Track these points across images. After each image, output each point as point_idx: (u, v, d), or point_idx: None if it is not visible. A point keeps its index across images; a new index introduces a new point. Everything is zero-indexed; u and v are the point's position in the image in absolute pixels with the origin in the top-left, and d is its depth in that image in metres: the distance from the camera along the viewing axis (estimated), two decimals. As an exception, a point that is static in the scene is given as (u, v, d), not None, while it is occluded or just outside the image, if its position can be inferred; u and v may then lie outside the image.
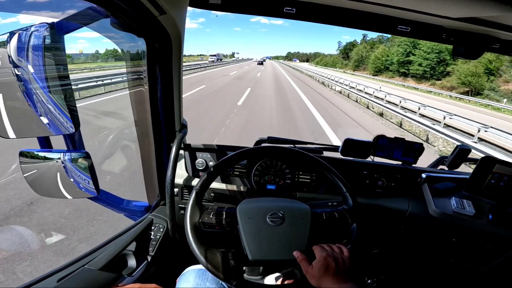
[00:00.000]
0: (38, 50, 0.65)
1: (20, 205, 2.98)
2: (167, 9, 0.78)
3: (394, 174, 1.20)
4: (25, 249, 2.42)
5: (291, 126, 7.24)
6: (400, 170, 1.20)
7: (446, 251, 1.21)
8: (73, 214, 2.85)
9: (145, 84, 0.98)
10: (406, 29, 0.94)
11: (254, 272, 1.04)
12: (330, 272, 0.70)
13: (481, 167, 1.06)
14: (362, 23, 0.97)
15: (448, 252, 1.21)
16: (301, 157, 0.96)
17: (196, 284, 0.92)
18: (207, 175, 0.88)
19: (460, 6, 0.72)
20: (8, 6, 0.73)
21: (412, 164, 1.21)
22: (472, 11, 0.74)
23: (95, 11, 0.80)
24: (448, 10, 0.79)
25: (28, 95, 0.66)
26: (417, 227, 1.18)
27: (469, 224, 1.03)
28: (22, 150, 0.76)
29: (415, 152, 1.18)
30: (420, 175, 1.16)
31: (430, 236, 1.20)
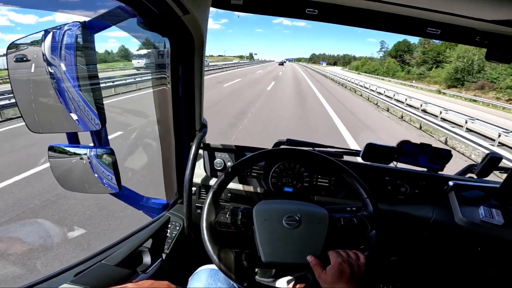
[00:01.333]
0: (70, 49, 0.67)
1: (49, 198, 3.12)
2: (191, 9, 0.79)
3: (419, 180, 1.15)
4: (47, 243, 2.52)
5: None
6: (425, 177, 1.16)
7: (470, 260, 1.17)
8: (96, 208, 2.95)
9: (168, 84, 1.00)
10: (436, 32, 0.91)
11: (266, 275, 1.03)
12: (344, 278, 0.68)
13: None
14: (388, 25, 0.94)
15: (472, 261, 1.17)
16: (321, 160, 0.95)
17: (208, 284, 0.92)
18: (225, 175, 0.88)
19: (494, 8, 0.69)
20: (44, 4, 0.76)
21: (438, 171, 1.16)
22: (507, 13, 0.71)
23: (123, 11, 0.82)
24: (481, 12, 0.75)
25: (60, 92, 0.68)
26: (440, 235, 1.14)
27: (497, 234, 0.99)
28: (52, 144, 0.79)
29: (442, 159, 1.13)
30: (446, 183, 1.12)
31: (454, 245, 1.16)
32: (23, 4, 0.84)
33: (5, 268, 2.17)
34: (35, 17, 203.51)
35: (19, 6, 0.78)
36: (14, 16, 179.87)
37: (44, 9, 0.77)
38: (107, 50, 47.09)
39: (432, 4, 0.77)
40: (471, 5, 0.72)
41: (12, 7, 3.51)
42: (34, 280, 0.73)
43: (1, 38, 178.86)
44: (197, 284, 0.94)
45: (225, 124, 6.90)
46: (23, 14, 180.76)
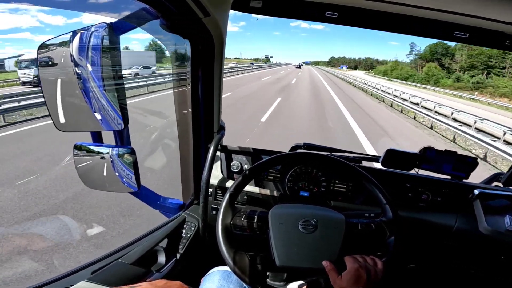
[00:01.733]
0: (96, 49, 0.68)
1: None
2: (211, 11, 0.80)
3: (443, 188, 1.13)
4: (68, 239, 2.59)
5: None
6: (450, 185, 1.13)
7: (493, 269, 1.14)
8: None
9: (188, 85, 1.01)
10: (463, 35, 0.89)
11: (277, 278, 1.02)
12: (360, 284, 0.67)
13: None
14: (413, 29, 0.93)
15: (495, 270, 1.14)
16: (340, 165, 0.94)
17: (220, 285, 0.92)
18: (242, 178, 0.88)
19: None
20: (72, 5, 0.78)
21: (463, 179, 1.13)
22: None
23: (147, 12, 0.83)
24: (510, 15, 0.73)
25: (86, 92, 0.69)
26: (463, 243, 1.12)
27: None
28: (77, 143, 0.81)
29: (467, 167, 1.10)
30: (472, 191, 1.08)
31: (477, 253, 1.14)
32: (53, 5, 0.87)
33: (26, 264, 2.25)
34: (64, 18, 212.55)
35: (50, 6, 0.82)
36: (44, 17, 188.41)
37: (73, 10, 0.79)
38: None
39: (460, 7, 0.75)
40: (500, 9, 0.71)
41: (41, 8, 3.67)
42: (52, 277, 0.75)
43: (31, 39, 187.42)
44: (209, 285, 0.94)
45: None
46: (52, 15, 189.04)
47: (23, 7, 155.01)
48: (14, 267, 2.19)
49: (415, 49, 66.83)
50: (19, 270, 2.17)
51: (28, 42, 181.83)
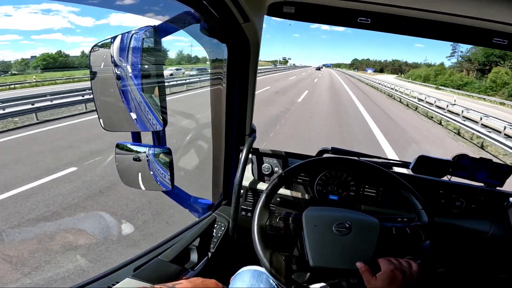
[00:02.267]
0: (141, 51, 0.70)
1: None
2: (251, 17, 0.81)
3: (477, 196, 1.13)
4: (108, 236, 2.74)
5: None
6: (484, 192, 1.13)
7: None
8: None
9: (223, 88, 1.02)
10: (503, 42, 0.87)
11: (299, 279, 1.01)
12: (395, 285, 0.68)
13: None
14: (450, 36, 0.91)
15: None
16: (374, 171, 0.96)
17: (251, 285, 0.94)
18: (278, 180, 0.90)
19: None
20: (114, 5, 0.81)
21: (497, 186, 1.14)
22: None
23: (189, 16, 0.84)
24: None
25: (130, 94, 0.71)
26: (497, 250, 1.13)
27: None
28: (119, 142, 0.84)
29: (502, 175, 1.11)
30: (507, 199, 1.11)
31: (511, 260, 1.14)
32: (98, 4, 0.91)
33: (73, 262, 2.39)
34: (92, 20, 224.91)
35: (91, 5, 0.86)
36: (75, 19, 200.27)
37: (118, 10, 0.82)
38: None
39: (500, 16, 0.75)
40: None
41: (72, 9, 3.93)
42: (98, 274, 0.78)
43: (63, 40, 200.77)
44: (240, 284, 0.96)
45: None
46: (82, 17, 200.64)
47: (55, 7, 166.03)
48: (59, 266, 2.33)
49: (457, 50, 55.09)
50: (64, 269, 2.30)
51: (59, 43, 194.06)
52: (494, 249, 1.13)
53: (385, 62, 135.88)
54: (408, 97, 16.53)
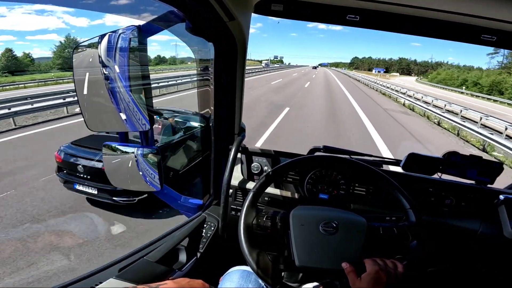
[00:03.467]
0: (126, 51, 0.70)
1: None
2: (236, 15, 0.81)
3: (467, 193, 1.12)
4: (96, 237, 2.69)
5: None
6: (474, 190, 1.12)
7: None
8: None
9: (210, 86, 1.02)
10: (491, 39, 0.87)
11: (291, 279, 1.02)
12: (379, 286, 0.67)
13: None
14: (438, 32, 0.91)
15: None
16: (362, 169, 0.94)
17: (239, 285, 0.93)
18: (265, 179, 0.89)
19: None
20: (98, 6, 0.80)
21: (488, 184, 1.13)
22: None
23: (174, 15, 0.84)
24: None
25: (114, 93, 0.71)
26: (487, 248, 1.12)
27: None
28: (106, 142, 0.83)
29: (493, 172, 1.10)
30: (497, 196, 1.08)
31: (501, 258, 1.14)
32: (82, 6, 0.91)
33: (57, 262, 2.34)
34: (87, 20, 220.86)
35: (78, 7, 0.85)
36: (69, 19, 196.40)
37: (103, 11, 0.82)
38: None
39: (489, 12, 0.75)
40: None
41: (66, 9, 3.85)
42: (82, 274, 0.78)
43: (58, 40, 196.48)
44: (228, 284, 0.95)
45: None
46: (77, 17, 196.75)
47: (49, 8, 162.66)
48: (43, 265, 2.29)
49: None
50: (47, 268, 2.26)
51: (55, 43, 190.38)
52: (484, 247, 1.12)
53: (390, 60, 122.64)
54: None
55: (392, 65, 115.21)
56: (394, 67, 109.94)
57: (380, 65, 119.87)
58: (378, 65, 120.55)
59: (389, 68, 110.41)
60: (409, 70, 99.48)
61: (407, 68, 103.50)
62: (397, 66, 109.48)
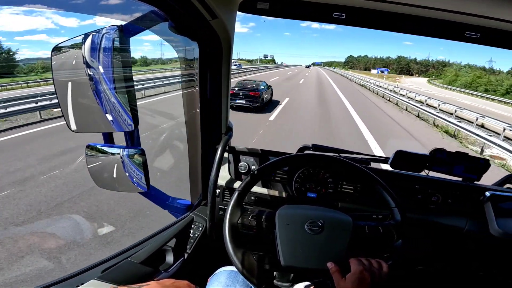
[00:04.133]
0: (107, 51, 0.69)
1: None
2: (219, 13, 0.81)
3: (454, 190, 1.11)
4: (80, 239, 2.63)
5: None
6: (460, 187, 1.12)
7: (504, 271, 1.14)
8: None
9: (196, 87, 1.02)
10: (475, 36, 0.88)
11: (283, 279, 1.02)
12: (364, 286, 0.66)
13: None
14: (422, 30, 0.93)
15: (505, 272, 1.14)
16: (347, 167, 0.93)
17: (227, 285, 0.93)
18: (250, 178, 0.89)
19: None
20: (84, 8, 0.80)
21: (474, 181, 1.12)
22: None
23: (156, 15, 0.84)
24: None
25: (97, 94, 0.70)
26: (474, 245, 1.12)
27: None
28: (89, 143, 0.82)
29: (479, 169, 1.09)
30: (483, 193, 1.07)
31: (488, 256, 1.14)
32: (66, 8, 0.89)
33: (39, 263, 2.29)
34: (77, 20, 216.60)
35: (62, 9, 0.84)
36: (58, 19, 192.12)
37: (85, 13, 0.81)
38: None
39: (472, 8, 0.75)
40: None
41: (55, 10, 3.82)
42: (63, 275, 0.77)
43: (47, 41, 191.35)
44: (216, 284, 0.95)
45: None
46: (66, 17, 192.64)
47: (38, 9, 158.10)
48: (25, 266, 2.24)
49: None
50: (29, 269, 2.21)
51: (44, 44, 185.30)
52: (470, 245, 1.12)
53: (388, 59, 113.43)
54: None
55: (390, 64, 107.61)
56: (393, 66, 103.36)
57: (378, 64, 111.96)
58: (375, 64, 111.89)
59: (388, 67, 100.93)
60: (409, 70, 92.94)
61: (406, 67, 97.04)
62: (396, 65, 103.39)
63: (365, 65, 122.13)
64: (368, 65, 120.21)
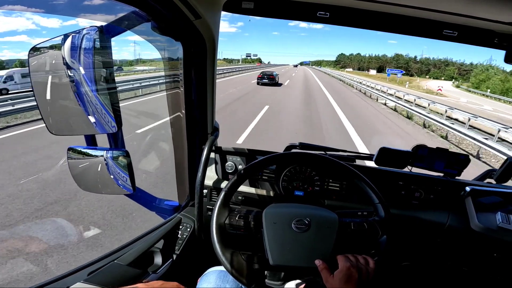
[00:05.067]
0: (88, 52, 0.69)
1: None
2: (202, 13, 0.81)
3: (435, 186, 1.13)
4: (64, 242, 2.56)
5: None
6: (442, 182, 1.13)
7: (486, 266, 1.15)
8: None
9: (181, 87, 1.01)
10: (452, 34, 0.90)
11: (274, 278, 1.03)
12: (351, 283, 0.67)
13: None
14: (402, 28, 0.95)
15: (487, 267, 1.15)
16: (332, 165, 0.94)
17: (216, 285, 0.93)
18: (237, 177, 0.89)
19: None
20: (64, 9, 0.78)
21: (455, 176, 1.14)
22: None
23: (138, 16, 0.83)
24: (499, 14, 0.75)
25: (78, 95, 0.69)
26: (455, 241, 1.12)
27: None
28: (71, 146, 0.81)
29: (459, 164, 1.11)
30: (463, 188, 1.09)
31: (469, 251, 1.14)
32: (46, 9, 0.87)
33: (23, 267, 2.22)
34: (59, 21, 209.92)
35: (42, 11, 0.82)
36: (39, 20, 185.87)
37: (65, 14, 0.80)
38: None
39: (449, 6, 0.77)
40: (489, 7, 0.72)
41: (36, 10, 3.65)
42: (48, 278, 0.75)
43: (28, 42, 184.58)
44: (205, 285, 0.95)
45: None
46: (48, 18, 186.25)
47: (17, 10, 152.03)
48: (9, 270, 2.17)
49: None
50: (14, 273, 2.15)
51: (25, 45, 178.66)
52: (452, 240, 1.13)
53: (384, 57, 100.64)
54: None
55: (387, 63, 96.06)
56: (390, 65, 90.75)
57: (373, 63, 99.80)
58: (370, 63, 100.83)
59: (384, 67, 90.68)
60: (409, 70, 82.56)
61: (405, 66, 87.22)
62: (393, 65, 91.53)
63: (359, 64, 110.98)
64: (362, 64, 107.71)
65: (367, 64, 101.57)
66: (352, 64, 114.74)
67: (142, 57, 47.53)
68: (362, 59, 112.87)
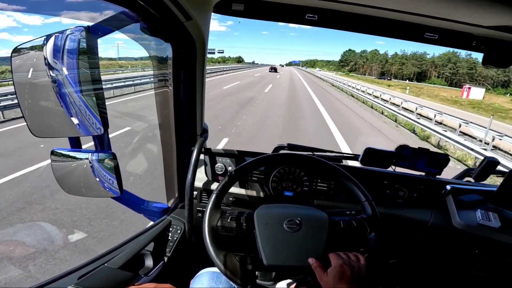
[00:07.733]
0: (73, 53, 0.67)
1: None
2: (193, 15, 0.81)
3: (417, 185, 1.17)
4: (50, 246, 2.50)
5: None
6: (423, 181, 1.17)
7: (468, 262, 1.19)
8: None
9: (169, 88, 1.01)
10: (433, 37, 0.93)
11: (266, 277, 1.03)
12: (345, 280, 0.69)
13: (509, 180, 1.04)
14: (386, 31, 0.97)
15: (470, 263, 1.19)
16: (319, 165, 0.96)
17: (209, 286, 0.93)
18: (228, 179, 0.89)
19: (491, 14, 0.71)
20: (48, 7, 0.76)
21: (436, 175, 1.18)
22: (504, 19, 0.73)
23: (127, 16, 0.82)
24: (478, 18, 0.77)
25: (62, 96, 0.68)
26: (438, 238, 1.16)
27: (494, 237, 1.00)
28: (54, 149, 0.79)
29: (440, 163, 1.16)
30: (444, 187, 1.14)
31: (452, 248, 1.18)
32: (29, 8, 0.85)
33: (10, 271, 2.17)
34: (41, 19, 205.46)
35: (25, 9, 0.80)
36: (20, 17, 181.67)
37: (49, 13, 0.78)
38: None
39: (430, 10, 0.79)
40: (468, 11, 0.74)
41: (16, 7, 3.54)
42: (38, 282, 0.73)
43: (9, 39, 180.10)
44: (198, 286, 0.95)
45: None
46: (29, 15, 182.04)
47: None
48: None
49: None
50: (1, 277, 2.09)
51: (6, 43, 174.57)
52: (435, 238, 1.16)
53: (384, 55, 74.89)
54: None
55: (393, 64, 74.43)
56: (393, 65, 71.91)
57: (408, 67, 69.01)
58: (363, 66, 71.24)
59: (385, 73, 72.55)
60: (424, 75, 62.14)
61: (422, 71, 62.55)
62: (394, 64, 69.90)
63: (382, 67, 76.77)
64: (388, 66, 75.46)
65: (399, 67, 68.90)
66: (366, 65, 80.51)
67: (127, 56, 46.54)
68: (381, 57, 77.60)
